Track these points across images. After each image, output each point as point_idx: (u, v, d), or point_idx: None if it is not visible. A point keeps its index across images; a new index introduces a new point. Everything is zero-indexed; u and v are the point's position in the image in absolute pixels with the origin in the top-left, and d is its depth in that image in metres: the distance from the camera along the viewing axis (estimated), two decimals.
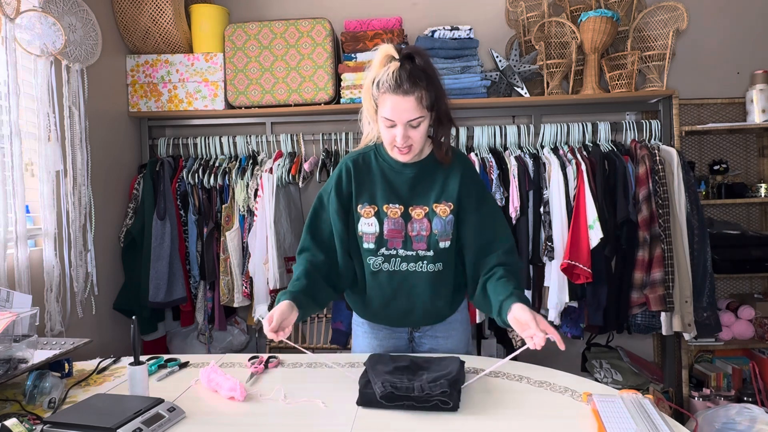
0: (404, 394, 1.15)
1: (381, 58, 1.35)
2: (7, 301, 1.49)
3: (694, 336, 2.34)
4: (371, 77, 1.37)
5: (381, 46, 1.37)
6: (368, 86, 1.37)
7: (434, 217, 1.44)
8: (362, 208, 1.46)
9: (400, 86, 1.29)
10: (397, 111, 1.31)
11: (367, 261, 1.47)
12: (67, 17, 2.10)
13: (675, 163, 2.34)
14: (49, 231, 1.96)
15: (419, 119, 1.33)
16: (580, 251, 2.24)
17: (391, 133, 1.35)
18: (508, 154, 2.45)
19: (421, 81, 1.31)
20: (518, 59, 2.62)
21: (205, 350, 2.69)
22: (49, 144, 1.96)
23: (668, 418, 1.07)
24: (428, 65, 1.34)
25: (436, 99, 1.35)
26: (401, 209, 1.45)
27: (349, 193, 1.48)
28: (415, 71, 1.31)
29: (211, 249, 2.59)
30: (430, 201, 1.44)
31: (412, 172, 1.45)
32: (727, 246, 2.57)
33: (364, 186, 1.47)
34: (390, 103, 1.32)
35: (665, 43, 2.50)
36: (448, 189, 1.44)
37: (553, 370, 1.38)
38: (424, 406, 1.14)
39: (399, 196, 1.45)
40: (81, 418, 1.08)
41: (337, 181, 1.49)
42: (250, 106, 2.61)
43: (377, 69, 1.35)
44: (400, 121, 1.32)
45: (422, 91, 1.31)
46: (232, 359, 1.54)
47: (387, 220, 1.44)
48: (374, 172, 1.47)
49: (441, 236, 1.43)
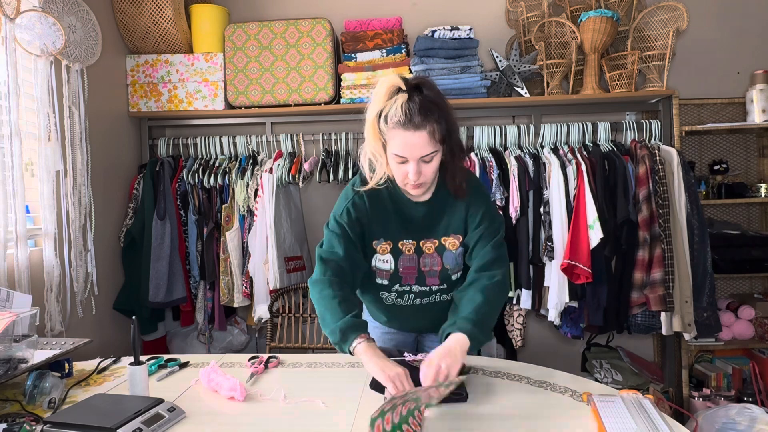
0: (416, 376, 1.15)
1: (386, 89, 1.25)
2: (7, 301, 1.50)
3: (694, 336, 2.34)
4: (375, 110, 1.27)
5: (383, 77, 1.29)
6: (373, 120, 1.27)
7: (444, 252, 1.41)
8: (378, 244, 1.40)
9: (411, 120, 1.21)
10: (409, 147, 1.23)
11: (380, 295, 1.46)
12: (67, 17, 2.10)
13: (675, 163, 2.34)
14: (49, 231, 1.96)
15: (432, 154, 1.26)
16: (580, 251, 2.24)
17: (402, 169, 1.28)
18: (508, 154, 2.45)
19: (432, 114, 1.22)
20: (518, 59, 2.62)
21: (205, 350, 2.69)
22: (49, 144, 1.96)
23: (668, 418, 1.07)
24: (438, 96, 1.26)
25: (448, 131, 1.27)
26: (414, 244, 1.41)
27: (367, 223, 1.39)
28: (426, 103, 1.22)
29: (211, 249, 2.59)
30: (439, 234, 1.40)
31: (425, 208, 1.40)
32: (727, 246, 2.56)
33: (379, 220, 1.39)
34: (401, 139, 1.23)
35: (665, 43, 2.50)
36: (454, 220, 1.40)
37: (553, 370, 1.38)
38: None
39: (411, 231, 1.40)
40: (81, 418, 1.08)
41: (355, 206, 1.38)
42: (250, 106, 2.61)
43: (382, 101, 1.25)
44: (413, 157, 1.25)
45: (434, 124, 1.23)
46: (232, 359, 1.54)
47: (402, 258, 1.40)
48: (388, 206, 1.39)
49: (453, 270, 1.42)
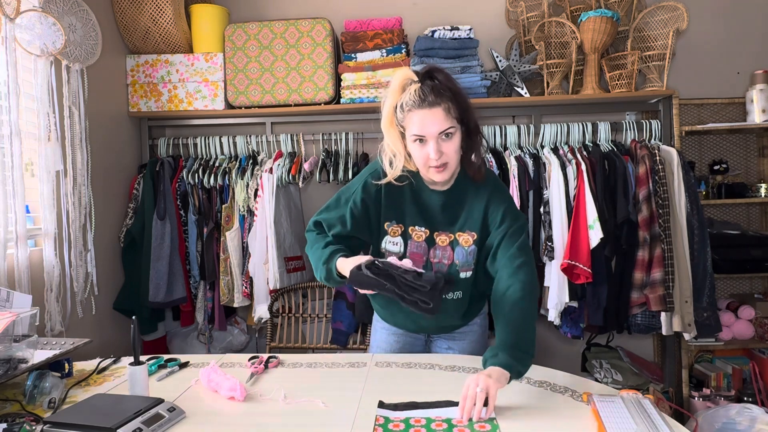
0: (387, 272, 1.18)
1: (399, 83, 1.29)
2: (7, 301, 1.49)
3: (694, 336, 2.34)
4: (391, 104, 1.30)
5: (397, 71, 1.31)
6: (389, 114, 1.30)
7: (457, 247, 1.41)
8: (390, 226, 1.42)
9: (425, 100, 1.25)
10: (427, 124, 1.26)
11: None
12: (67, 17, 2.10)
13: (675, 163, 2.34)
14: (49, 231, 1.96)
15: (450, 129, 1.27)
16: (580, 251, 2.24)
17: (423, 152, 1.29)
18: (508, 154, 2.45)
19: (446, 93, 1.26)
20: (518, 59, 2.62)
21: (205, 350, 2.69)
22: (49, 144, 1.96)
23: (668, 418, 1.07)
24: (449, 80, 1.29)
25: (463, 111, 1.29)
26: (426, 233, 1.41)
27: (378, 204, 1.42)
28: (438, 85, 1.26)
29: (211, 249, 2.59)
30: (455, 229, 1.41)
31: (442, 198, 1.41)
32: (727, 246, 2.56)
33: (394, 203, 1.42)
34: (418, 118, 1.26)
35: (665, 43, 2.50)
36: (473, 217, 1.40)
37: (553, 370, 1.38)
38: (404, 298, 1.17)
39: (426, 219, 1.41)
40: (81, 418, 1.08)
41: (367, 188, 1.41)
42: (250, 106, 2.61)
43: (397, 94, 1.29)
44: (431, 134, 1.26)
45: (448, 102, 1.26)
46: (232, 359, 1.54)
47: (411, 242, 1.42)
48: (405, 191, 1.41)
49: (462, 267, 1.41)
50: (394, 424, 1.09)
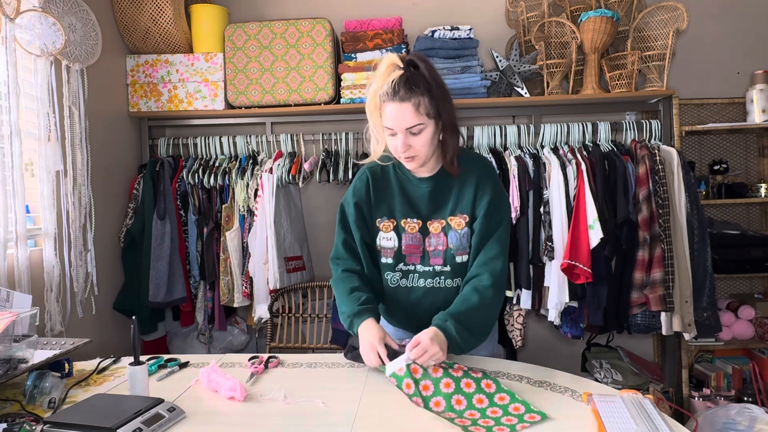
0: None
1: (385, 68, 1.31)
2: (7, 301, 1.49)
3: (694, 336, 2.34)
4: (375, 89, 1.33)
5: (385, 56, 1.33)
6: (373, 95, 1.34)
7: (450, 231, 1.41)
8: (381, 222, 1.45)
9: (397, 93, 1.27)
10: (395, 118, 1.29)
11: (385, 276, 1.47)
12: (67, 17, 2.10)
13: (675, 163, 2.34)
14: (49, 231, 1.96)
15: (418, 126, 1.29)
16: (580, 251, 2.24)
17: (393, 142, 1.33)
18: (508, 154, 2.45)
19: (418, 88, 1.27)
20: (518, 59, 2.62)
21: (205, 350, 2.69)
22: (49, 144, 1.96)
23: (668, 418, 1.07)
24: (430, 71, 1.30)
25: (438, 106, 1.30)
26: (419, 224, 1.43)
27: (368, 203, 1.46)
28: (414, 78, 1.28)
29: (211, 249, 2.59)
30: (446, 214, 1.42)
31: (429, 185, 1.42)
32: (727, 246, 2.56)
33: (383, 199, 1.45)
34: (388, 111, 1.30)
35: (665, 43, 2.50)
36: (463, 200, 1.41)
37: (553, 370, 1.38)
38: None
39: (417, 210, 1.43)
40: (81, 418, 1.08)
41: (356, 190, 1.47)
42: (250, 106, 2.61)
43: (381, 80, 1.31)
44: (399, 128, 1.30)
45: (419, 97, 1.27)
46: (232, 359, 1.54)
47: (405, 235, 1.43)
48: (392, 184, 1.45)
49: (457, 250, 1.41)
50: (413, 368, 1.22)
